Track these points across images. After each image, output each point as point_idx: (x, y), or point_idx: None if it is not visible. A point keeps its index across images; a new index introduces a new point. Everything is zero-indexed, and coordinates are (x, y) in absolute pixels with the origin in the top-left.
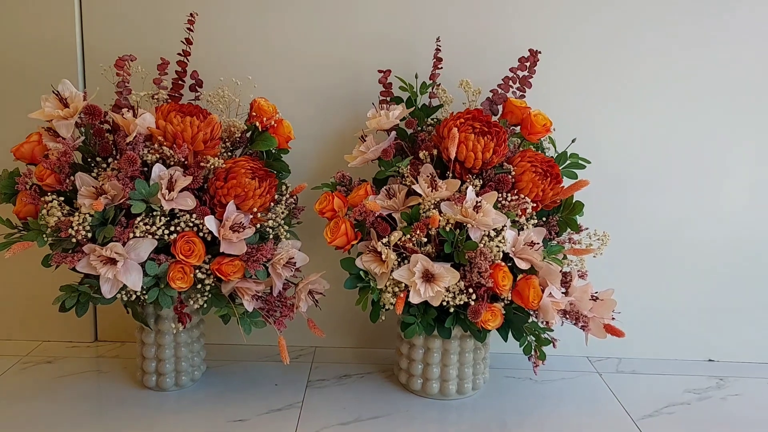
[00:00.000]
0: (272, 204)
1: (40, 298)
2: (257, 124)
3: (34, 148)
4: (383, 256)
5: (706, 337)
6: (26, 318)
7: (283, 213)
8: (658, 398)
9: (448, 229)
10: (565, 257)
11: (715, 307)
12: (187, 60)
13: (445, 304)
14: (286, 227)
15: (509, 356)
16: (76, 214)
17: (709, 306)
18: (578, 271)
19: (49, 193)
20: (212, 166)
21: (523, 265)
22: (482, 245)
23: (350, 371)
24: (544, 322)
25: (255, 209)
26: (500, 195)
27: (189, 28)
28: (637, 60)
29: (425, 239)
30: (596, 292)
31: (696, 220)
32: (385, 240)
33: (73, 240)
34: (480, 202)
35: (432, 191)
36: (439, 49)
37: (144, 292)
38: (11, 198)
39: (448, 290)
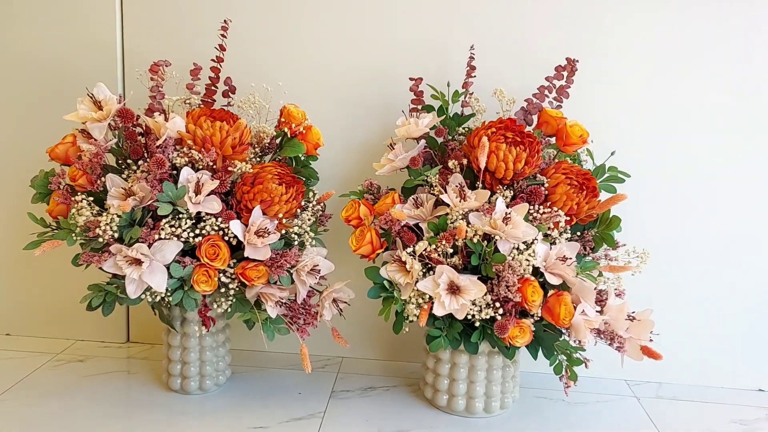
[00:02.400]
0: (299, 210)
1: (75, 298)
2: (286, 130)
3: (68, 149)
4: (408, 266)
5: (757, 364)
6: (60, 317)
7: (309, 220)
8: (700, 427)
9: (475, 240)
10: (600, 274)
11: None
12: (220, 66)
13: (470, 317)
14: (312, 234)
15: (542, 376)
16: (105, 214)
17: (762, 331)
18: (615, 289)
19: (79, 194)
20: (240, 171)
21: (554, 281)
22: (510, 258)
23: (375, 383)
24: (577, 341)
25: (281, 215)
26: (532, 207)
27: (222, 35)
28: (682, 72)
29: (451, 250)
30: (633, 312)
31: (746, 239)
32: (410, 249)
33: (101, 240)
34: (509, 213)
35: (460, 201)
36: (473, 57)
37: (168, 293)
38: (45, 197)
39: (474, 303)
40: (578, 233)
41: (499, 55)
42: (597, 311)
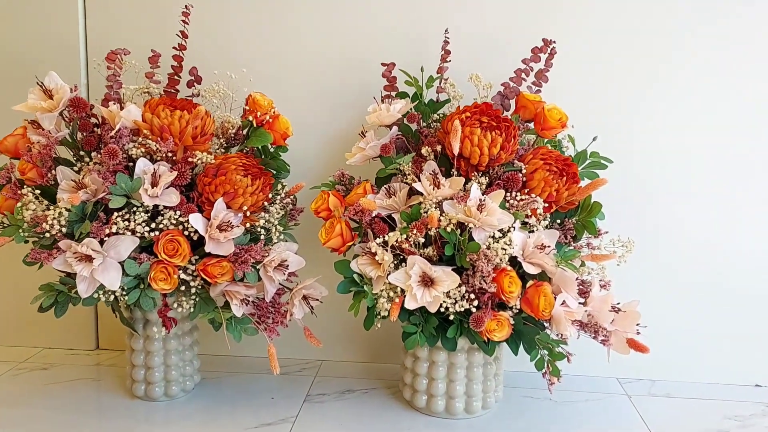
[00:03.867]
0: (266, 204)
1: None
2: (251, 119)
3: (18, 142)
4: (379, 258)
5: (753, 359)
6: (26, 324)
7: (278, 213)
8: (693, 425)
9: (449, 229)
10: (583, 264)
11: (763, 328)
12: (183, 54)
13: (443, 310)
14: (281, 228)
15: (529, 375)
16: (53, 208)
17: (757, 326)
18: (600, 280)
19: (27, 187)
20: (201, 162)
21: (532, 270)
22: (485, 247)
23: (353, 386)
24: (558, 335)
25: (246, 208)
26: (508, 194)
27: (184, 21)
28: (667, 52)
29: (423, 240)
30: (618, 303)
31: (740, 228)
32: (380, 240)
33: (48, 235)
34: (484, 200)
35: (434, 189)
36: (448, 41)
37: (124, 293)
38: None
39: (448, 296)
40: (558, 221)
41: (476, 41)
42: (580, 303)
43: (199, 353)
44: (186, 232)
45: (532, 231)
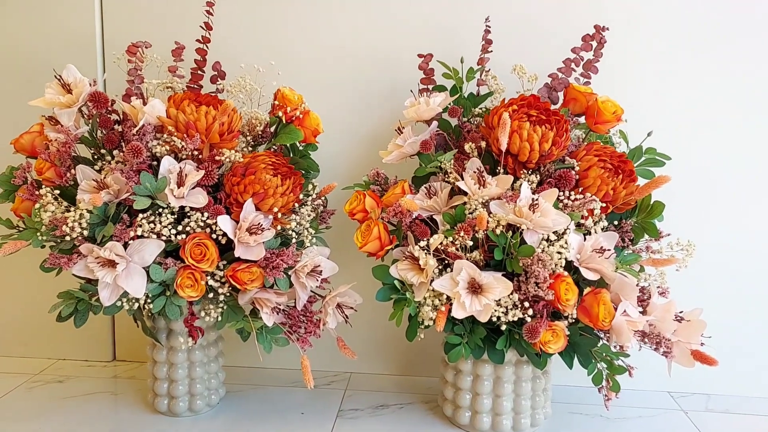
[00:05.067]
0: (297, 205)
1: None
2: (281, 114)
3: (35, 139)
4: (421, 263)
5: None
6: (40, 335)
7: (309, 216)
8: None
9: (498, 232)
10: (642, 269)
11: None
12: (207, 47)
13: (495, 320)
14: (312, 231)
15: (574, 389)
16: (73, 209)
17: None
18: (658, 287)
19: (45, 188)
20: (229, 161)
21: (590, 276)
22: (540, 251)
23: (388, 401)
24: (618, 346)
25: (276, 210)
26: (562, 193)
27: (208, 11)
28: (733, 41)
29: (471, 243)
30: (681, 312)
31: None
32: (423, 244)
33: (69, 239)
34: (537, 200)
35: (479, 188)
36: (489, 30)
37: (149, 300)
38: (11, 195)
39: (498, 304)
40: (614, 223)
41: (518, 29)
42: (639, 312)
43: (223, 365)
44: (214, 236)
45: (588, 233)
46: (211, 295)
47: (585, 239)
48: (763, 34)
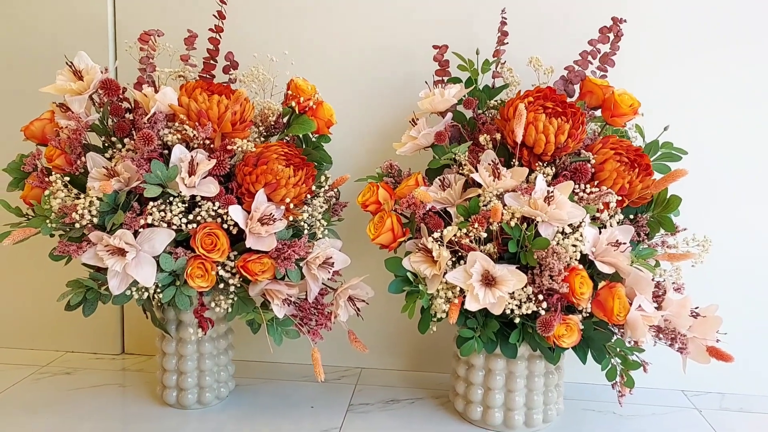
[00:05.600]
0: (309, 197)
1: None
2: (294, 104)
3: (45, 126)
4: (435, 255)
5: None
6: (48, 326)
7: (321, 207)
8: None
9: (513, 224)
10: (657, 264)
11: None
12: (220, 37)
13: (509, 312)
14: (324, 223)
15: (587, 386)
16: (83, 197)
17: None
18: (673, 282)
19: (55, 174)
20: (241, 150)
21: (606, 270)
22: (555, 243)
23: (398, 396)
24: (632, 341)
25: (288, 201)
26: (577, 186)
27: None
28: (749, 35)
29: (485, 235)
30: (697, 308)
31: None
32: (437, 235)
33: (78, 226)
34: (552, 192)
35: (494, 180)
36: (505, 22)
37: (159, 290)
38: (21, 183)
39: (512, 297)
40: (630, 217)
41: (534, 20)
42: (654, 307)
43: (232, 359)
44: (225, 226)
45: (603, 227)
46: (221, 285)
47: (600, 233)
48: None
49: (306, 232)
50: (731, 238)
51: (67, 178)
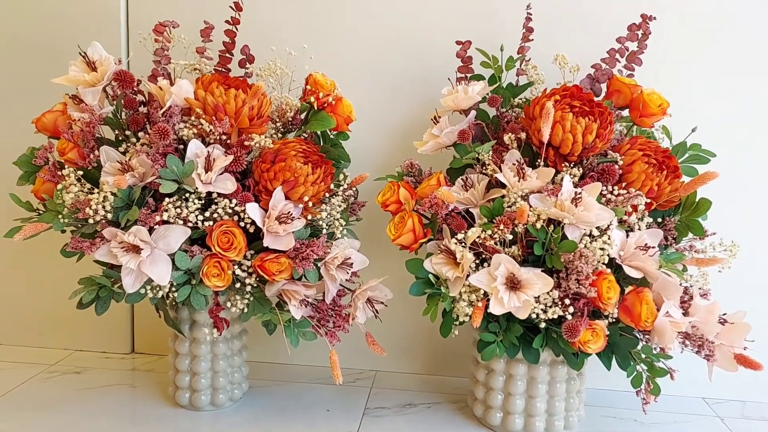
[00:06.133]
0: (327, 195)
1: (73, 303)
2: (313, 100)
3: (57, 119)
4: (458, 257)
5: None
6: (57, 324)
7: (339, 206)
8: None
9: (539, 226)
10: (684, 269)
11: None
12: (236, 29)
13: (534, 317)
14: (343, 222)
15: (608, 393)
16: (97, 191)
17: None
18: (699, 288)
19: (68, 168)
20: (258, 146)
21: (633, 274)
22: (582, 246)
23: (415, 400)
24: (658, 348)
25: (306, 199)
26: (605, 188)
27: None
28: None
29: (510, 237)
30: (725, 314)
31: None
32: (460, 237)
33: (92, 222)
34: (580, 194)
35: (519, 181)
36: (530, 18)
37: (174, 289)
38: (32, 177)
39: (537, 301)
40: (657, 220)
41: (558, 18)
42: (681, 313)
43: (246, 360)
44: (241, 224)
45: (630, 230)
46: (237, 285)
47: (627, 236)
48: None
49: (324, 231)
50: (759, 243)
51: (80, 173)
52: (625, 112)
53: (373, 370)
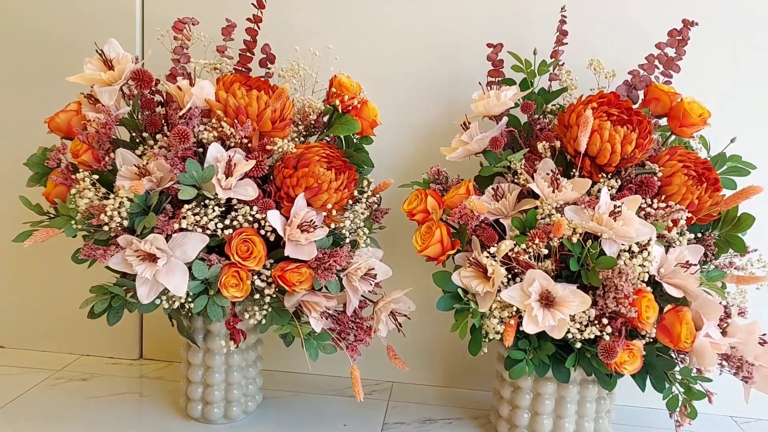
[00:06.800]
0: (350, 202)
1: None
2: (337, 102)
3: (71, 119)
4: (489, 271)
5: None
6: (63, 328)
7: (363, 214)
8: None
9: (575, 240)
10: (724, 286)
11: None
12: (258, 27)
13: (570, 337)
14: (366, 231)
15: (632, 409)
16: (112, 197)
17: None
18: (737, 306)
19: (82, 172)
20: (280, 150)
21: (674, 293)
22: (622, 263)
23: (435, 415)
24: (696, 369)
25: (330, 206)
26: (644, 201)
27: None
28: None
29: (546, 251)
30: (764, 335)
31: None
32: (492, 250)
33: (107, 229)
34: (619, 207)
35: (553, 192)
36: (565, 20)
37: (190, 299)
38: (43, 179)
39: (572, 319)
40: (696, 235)
41: (594, 19)
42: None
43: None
44: (262, 232)
45: (669, 245)
46: (256, 296)
47: (666, 252)
48: None
49: (347, 240)
50: None
51: (95, 176)
52: (663, 121)
53: (389, 381)
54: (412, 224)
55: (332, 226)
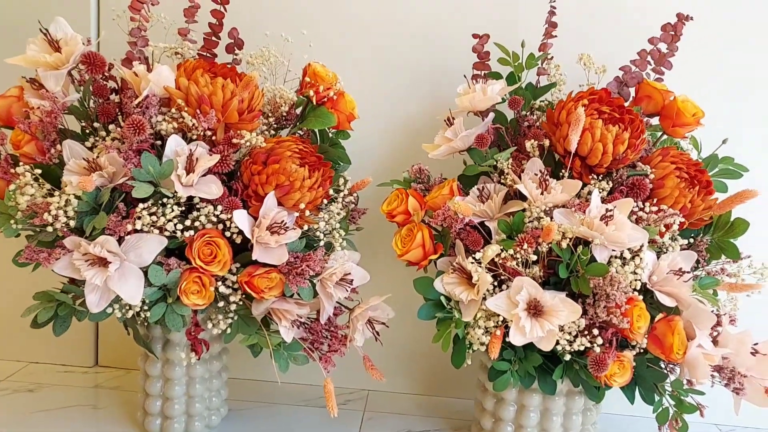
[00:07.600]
0: (325, 202)
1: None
2: (311, 93)
3: (12, 106)
4: (473, 278)
5: None
6: (9, 333)
7: (338, 215)
8: None
9: (564, 245)
10: (715, 294)
11: None
12: (225, 9)
13: (559, 349)
14: (342, 233)
15: (614, 417)
16: (58, 194)
17: None
18: (728, 314)
19: (24, 165)
20: (248, 144)
21: (666, 301)
22: (613, 270)
23: (413, 426)
24: (687, 381)
25: (302, 206)
26: (635, 205)
27: None
28: None
29: (534, 257)
30: (756, 344)
31: None
32: (478, 256)
33: (50, 228)
34: (611, 211)
35: (542, 194)
36: (554, 11)
37: (146, 308)
38: None
39: (561, 329)
40: (688, 240)
41: (579, 14)
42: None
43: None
44: (227, 233)
45: (660, 251)
46: (220, 303)
47: (658, 258)
48: None
49: (321, 242)
50: None
51: (38, 170)
52: (654, 120)
53: (364, 390)
54: (391, 226)
55: (305, 227)
